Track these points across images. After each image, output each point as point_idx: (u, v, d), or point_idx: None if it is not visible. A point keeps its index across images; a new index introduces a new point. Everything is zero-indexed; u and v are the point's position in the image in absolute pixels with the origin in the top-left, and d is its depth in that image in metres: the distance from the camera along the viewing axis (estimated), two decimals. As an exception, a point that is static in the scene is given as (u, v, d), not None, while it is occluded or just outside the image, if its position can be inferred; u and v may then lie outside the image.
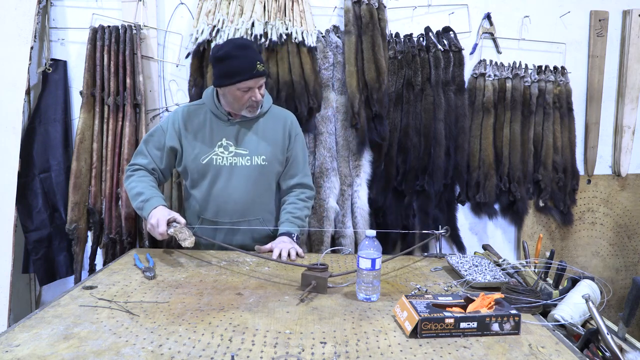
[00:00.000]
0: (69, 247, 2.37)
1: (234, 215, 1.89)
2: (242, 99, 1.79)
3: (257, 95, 1.80)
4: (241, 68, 1.75)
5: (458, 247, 2.58)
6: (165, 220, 1.70)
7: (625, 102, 2.66)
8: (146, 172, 1.90)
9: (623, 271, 2.76)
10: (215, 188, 1.88)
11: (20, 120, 2.21)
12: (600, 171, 2.73)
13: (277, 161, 1.93)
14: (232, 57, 1.76)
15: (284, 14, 2.33)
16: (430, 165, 2.46)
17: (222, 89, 1.82)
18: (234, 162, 1.87)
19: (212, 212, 1.91)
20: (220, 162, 1.87)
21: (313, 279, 1.44)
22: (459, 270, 1.62)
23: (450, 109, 2.48)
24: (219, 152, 1.87)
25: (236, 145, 1.88)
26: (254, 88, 1.78)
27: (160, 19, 2.41)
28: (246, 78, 1.75)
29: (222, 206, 1.89)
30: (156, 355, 1.05)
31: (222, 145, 1.88)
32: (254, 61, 1.75)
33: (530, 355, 1.09)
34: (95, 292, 1.41)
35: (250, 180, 1.88)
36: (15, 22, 2.20)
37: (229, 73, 1.75)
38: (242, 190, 1.88)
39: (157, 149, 1.91)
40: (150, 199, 1.78)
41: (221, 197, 1.88)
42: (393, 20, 2.48)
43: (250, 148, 1.88)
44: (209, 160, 1.87)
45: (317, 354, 1.07)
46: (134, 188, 1.83)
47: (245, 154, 1.88)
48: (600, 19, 2.61)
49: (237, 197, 1.88)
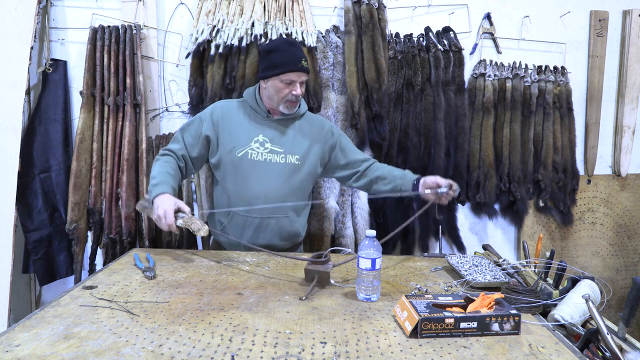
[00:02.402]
0: (69, 247, 2.37)
1: (264, 211, 1.87)
2: (282, 91, 1.84)
3: (297, 90, 1.85)
4: (286, 60, 1.83)
5: (458, 247, 2.58)
6: (172, 211, 1.68)
7: (625, 102, 2.66)
8: (173, 158, 1.89)
9: (623, 271, 2.76)
10: (247, 182, 1.88)
11: (20, 120, 2.21)
12: (600, 171, 2.73)
13: (310, 163, 1.93)
14: (279, 50, 1.86)
15: (284, 14, 2.33)
16: (430, 165, 2.46)
17: (265, 81, 1.87)
18: (268, 159, 1.88)
19: (243, 206, 1.89)
20: (255, 157, 1.88)
21: (316, 274, 1.45)
22: (459, 270, 1.62)
23: (450, 109, 2.48)
24: (255, 147, 1.88)
25: (272, 143, 1.89)
26: (295, 82, 1.84)
27: (160, 19, 2.41)
28: (289, 70, 1.82)
29: (253, 201, 1.87)
30: (156, 355, 1.05)
31: (259, 141, 1.89)
32: (299, 57, 1.85)
33: (530, 355, 1.09)
34: (96, 292, 1.41)
35: (282, 178, 1.88)
36: (15, 22, 2.20)
37: (274, 64, 1.83)
38: (274, 187, 1.87)
39: (192, 137, 1.91)
40: (158, 184, 1.76)
41: (252, 192, 1.87)
42: (393, 20, 2.49)
43: (286, 147, 1.90)
44: (244, 155, 1.88)
45: (317, 354, 1.07)
46: (152, 172, 1.84)
47: (280, 152, 1.89)
48: (600, 19, 2.61)
49: (268, 193, 1.87)
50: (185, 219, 1.68)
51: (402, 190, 1.89)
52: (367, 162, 1.98)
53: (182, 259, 1.75)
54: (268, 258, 1.79)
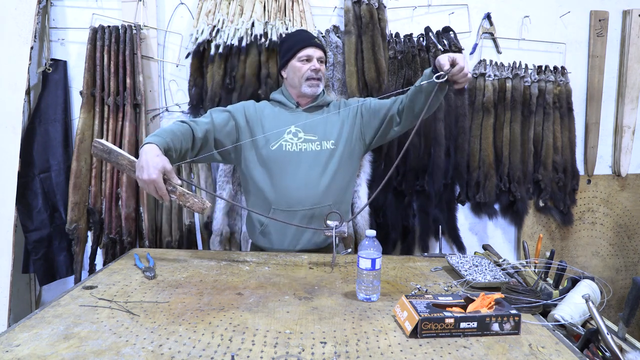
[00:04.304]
0: (69, 247, 2.37)
1: (307, 202, 1.83)
2: (301, 69, 1.87)
3: (315, 64, 1.86)
4: (299, 39, 1.91)
5: (458, 247, 2.58)
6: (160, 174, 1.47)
7: (625, 102, 2.66)
8: (189, 126, 1.74)
9: (623, 271, 2.76)
10: (284, 174, 1.85)
11: (20, 120, 2.21)
12: (600, 171, 2.73)
13: (345, 143, 1.91)
14: (291, 35, 2.01)
15: (284, 14, 2.33)
16: (430, 165, 2.46)
17: (285, 70, 1.93)
18: (303, 148, 1.86)
19: (285, 201, 1.85)
20: (290, 148, 1.86)
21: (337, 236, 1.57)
22: (459, 270, 1.62)
23: (450, 109, 2.48)
24: (288, 139, 1.87)
25: (305, 132, 1.89)
26: (312, 57, 1.87)
27: (160, 19, 2.41)
28: (304, 45, 1.87)
29: (294, 193, 1.84)
30: (156, 355, 1.05)
31: (291, 132, 1.88)
32: (311, 36, 1.93)
33: (530, 355, 1.09)
34: (95, 292, 1.41)
35: (320, 165, 1.86)
36: (15, 22, 2.20)
37: (289, 47, 1.91)
38: (314, 175, 1.85)
39: (222, 119, 1.83)
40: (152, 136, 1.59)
41: (293, 184, 1.84)
42: (393, 20, 2.49)
43: (319, 134, 1.89)
44: (278, 147, 1.86)
45: (317, 354, 1.07)
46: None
47: (315, 140, 1.88)
48: (600, 19, 2.61)
49: (309, 182, 1.84)
50: (182, 195, 1.48)
51: (426, 83, 1.70)
52: (395, 101, 1.90)
53: (182, 259, 1.75)
54: (268, 258, 1.79)
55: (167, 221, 2.37)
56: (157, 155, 1.51)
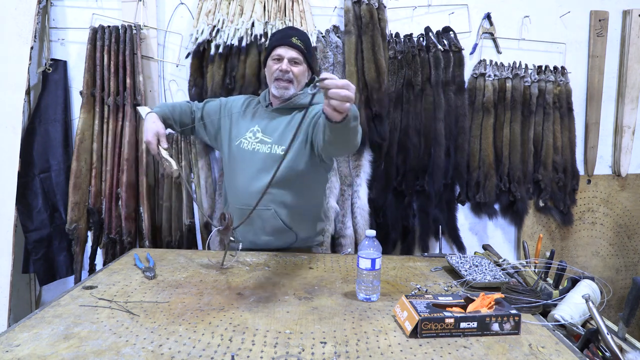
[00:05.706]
0: (69, 247, 2.37)
1: (247, 202, 1.75)
2: (271, 69, 1.82)
3: (283, 65, 1.78)
4: (277, 37, 1.85)
5: (458, 247, 2.58)
6: (155, 137, 1.75)
7: (625, 102, 2.66)
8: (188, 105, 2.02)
9: (623, 271, 2.76)
10: (237, 173, 1.87)
11: (20, 120, 2.21)
12: (600, 171, 2.73)
13: (298, 152, 1.78)
14: (275, 33, 1.96)
15: (284, 14, 2.33)
16: (430, 165, 2.46)
17: (266, 67, 1.90)
18: (256, 149, 1.84)
19: (237, 199, 1.86)
20: (247, 146, 1.85)
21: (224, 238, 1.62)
22: (459, 270, 1.62)
23: (450, 109, 2.48)
24: (248, 137, 1.87)
25: (263, 133, 1.85)
26: (283, 57, 1.79)
27: (160, 19, 2.41)
28: (277, 45, 1.80)
29: (240, 192, 1.84)
30: (156, 355, 1.05)
31: (253, 130, 1.87)
32: (290, 35, 1.83)
33: (530, 355, 1.09)
34: (95, 292, 1.41)
35: (266, 168, 1.77)
36: (15, 22, 2.20)
37: (269, 45, 1.88)
38: (259, 177, 1.78)
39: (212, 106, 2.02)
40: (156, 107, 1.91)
41: (239, 183, 1.85)
42: (393, 20, 2.48)
43: (274, 137, 1.82)
44: (238, 144, 1.87)
45: (317, 354, 1.07)
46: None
47: (268, 142, 1.82)
48: (600, 19, 2.61)
49: (252, 183, 1.79)
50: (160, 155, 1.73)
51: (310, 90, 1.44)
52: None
53: (182, 259, 1.75)
54: (268, 258, 1.79)
55: (167, 221, 2.37)
56: (154, 121, 1.81)
